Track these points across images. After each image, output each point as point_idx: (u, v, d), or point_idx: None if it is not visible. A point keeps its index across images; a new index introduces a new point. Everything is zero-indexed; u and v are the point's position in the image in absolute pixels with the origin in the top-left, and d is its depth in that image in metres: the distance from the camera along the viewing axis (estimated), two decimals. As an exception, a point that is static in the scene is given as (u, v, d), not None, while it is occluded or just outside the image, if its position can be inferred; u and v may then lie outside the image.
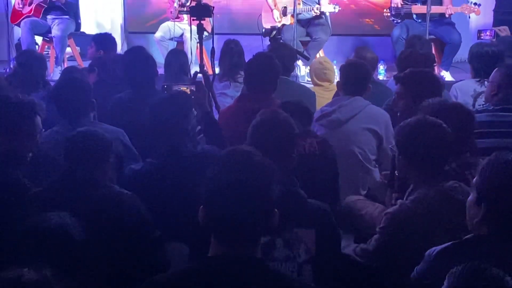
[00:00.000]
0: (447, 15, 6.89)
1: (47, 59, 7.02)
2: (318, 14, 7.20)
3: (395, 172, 3.06)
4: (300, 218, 2.60)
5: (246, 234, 1.90)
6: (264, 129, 2.74)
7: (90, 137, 2.83)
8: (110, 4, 8.98)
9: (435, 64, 5.41)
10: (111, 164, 2.89)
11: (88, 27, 8.65)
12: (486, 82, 4.42)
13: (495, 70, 4.08)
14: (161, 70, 5.06)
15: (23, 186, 2.89)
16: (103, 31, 8.86)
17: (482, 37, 6.17)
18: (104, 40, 6.17)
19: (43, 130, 3.29)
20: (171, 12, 7.53)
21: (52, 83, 5.01)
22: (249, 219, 1.87)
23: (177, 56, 5.75)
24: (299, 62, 6.94)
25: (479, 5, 6.76)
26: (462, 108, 3.24)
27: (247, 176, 1.87)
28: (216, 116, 4.22)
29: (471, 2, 6.83)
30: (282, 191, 2.51)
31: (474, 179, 2.20)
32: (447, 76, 6.91)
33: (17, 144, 3.05)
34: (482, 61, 4.74)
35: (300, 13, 7.11)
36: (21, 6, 7.52)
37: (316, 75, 5.47)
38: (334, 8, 7.11)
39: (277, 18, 7.46)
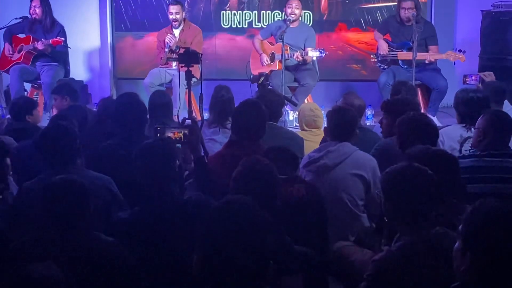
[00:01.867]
0: (427, 61, 6.97)
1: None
2: (300, 60, 7.25)
3: (384, 218, 3.06)
4: (287, 265, 2.59)
5: (243, 285, 1.88)
6: (246, 179, 2.75)
7: (66, 185, 2.82)
8: (99, 50, 9.04)
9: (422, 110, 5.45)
10: (92, 211, 2.86)
11: (77, 73, 8.70)
12: (472, 128, 4.45)
13: (481, 116, 4.10)
14: (149, 116, 5.06)
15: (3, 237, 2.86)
16: (92, 77, 8.98)
17: (467, 82, 6.22)
18: (63, 88, 6.18)
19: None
20: (161, 58, 7.60)
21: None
22: (246, 270, 1.85)
23: (160, 97, 5.78)
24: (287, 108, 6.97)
25: (464, 51, 6.84)
26: (446, 155, 3.26)
27: (245, 228, 1.86)
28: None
29: (457, 49, 6.92)
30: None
31: (460, 227, 2.20)
32: (434, 121, 6.96)
33: None
34: (468, 107, 4.77)
35: (288, 59, 7.18)
36: (11, 52, 7.57)
37: (306, 121, 5.49)
38: (321, 52, 7.16)
39: (266, 61, 7.52)
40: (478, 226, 2.09)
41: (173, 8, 7.59)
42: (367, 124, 6.91)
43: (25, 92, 7.68)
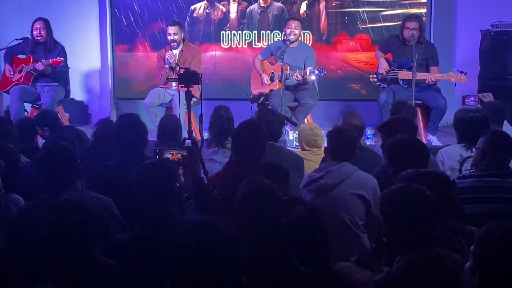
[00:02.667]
0: (427, 82, 6.98)
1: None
2: (300, 79, 7.29)
3: (383, 238, 3.05)
4: (290, 286, 2.59)
5: None
6: (248, 201, 2.75)
7: (74, 207, 2.81)
8: (99, 71, 9.07)
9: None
10: (96, 233, 2.85)
11: (78, 93, 8.73)
12: (472, 148, 4.45)
13: (481, 136, 4.10)
14: (150, 136, 5.08)
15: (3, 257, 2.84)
16: (92, 97, 9.01)
17: (466, 103, 6.22)
18: (42, 119, 5.88)
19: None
20: (160, 75, 7.62)
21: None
22: None
23: (170, 121, 5.79)
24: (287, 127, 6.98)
25: (466, 73, 6.84)
26: (440, 176, 3.26)
27: (213, 247, 1.87)
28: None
29: (458, 70, 6.92)
30: (273, 259, 2.53)
31: (472, 247, 2.20)
32: (434, 140, 6.98)
33: None
34: (467, 127, 4.77)
35: (288, 78, 7.20)
36: (11, 73, 7.59)
37: (306, 141, 5.51)
38: (319, 71, 7.19)
39: (267, 81, 7.55)
40: (488, 246, 2.10)
41: (171, 29, 7.63)
42: (367, 143, 6.91)
43: (26, 113, 7.69)
